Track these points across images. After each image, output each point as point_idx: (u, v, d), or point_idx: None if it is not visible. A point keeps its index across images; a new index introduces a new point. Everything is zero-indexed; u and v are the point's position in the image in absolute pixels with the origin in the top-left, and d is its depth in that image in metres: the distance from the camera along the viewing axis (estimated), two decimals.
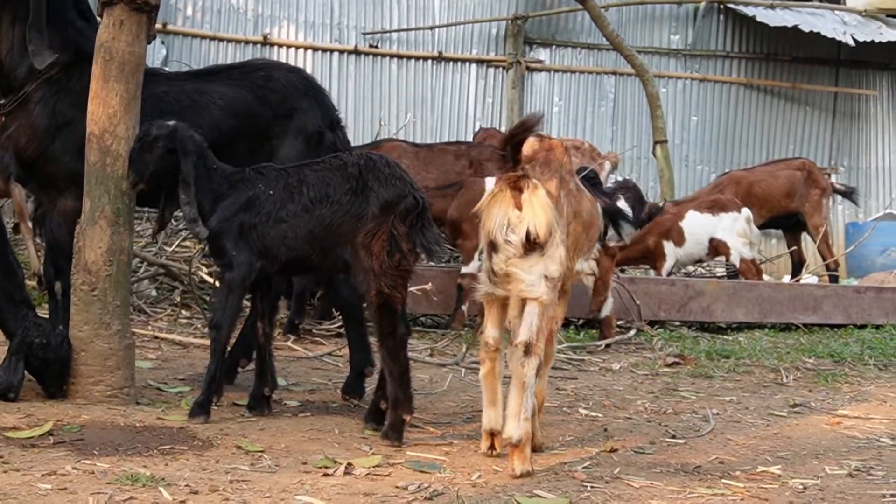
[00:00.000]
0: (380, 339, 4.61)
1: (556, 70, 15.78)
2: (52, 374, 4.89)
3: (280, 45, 14.68)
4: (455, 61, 15.40)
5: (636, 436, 4.95)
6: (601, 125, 15.91)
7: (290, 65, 6.53)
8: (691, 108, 16.30)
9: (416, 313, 8.49)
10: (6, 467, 3.75)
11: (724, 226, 10.36)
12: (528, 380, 4.10)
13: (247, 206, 4.79)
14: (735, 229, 10.33)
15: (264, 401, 5.02)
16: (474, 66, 15.47)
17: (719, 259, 11.09)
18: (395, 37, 15.22)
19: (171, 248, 8.64)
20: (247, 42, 14.46)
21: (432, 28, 15.20)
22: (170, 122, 4.88)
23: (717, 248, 10.41)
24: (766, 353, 7.94)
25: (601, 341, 8.08)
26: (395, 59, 15.20)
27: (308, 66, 13.93)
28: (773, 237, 15.22)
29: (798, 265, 12.27)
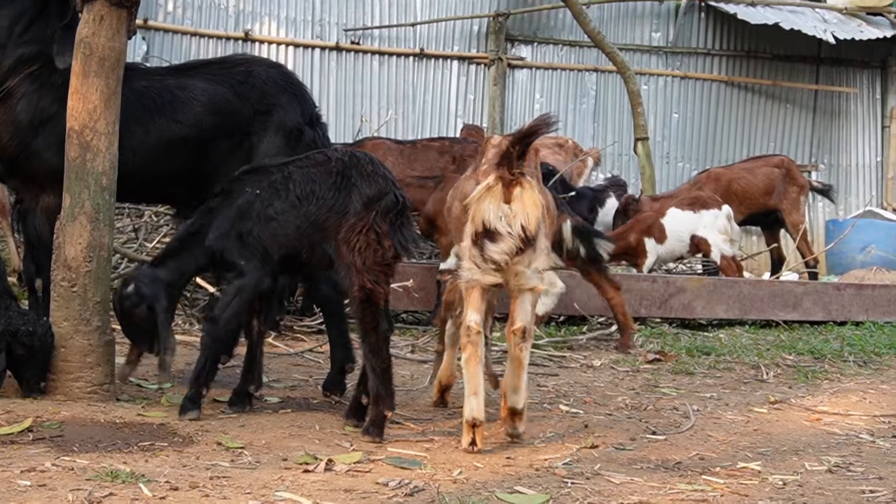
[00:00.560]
0: (362, 335, 4.61)
1: (537, 67, 15.80)
2: (36, 364, 4.84)
3: (261, 42, 14.66)
4: (437, 58, 15.41)
5: (617, 432, 4.95)
6: (583, 122, 15.94)
7: (271, 60, 6.51)
8: (672, 105, 16.34)
9: (398, 310, 8.49)
10: None
11: (705, 223, 10.38)
12: (524, 360, 4.58)
13: (240, 215, 4.81)
14: (716, 226, 10.36)
15: (246, 397, 5.02)
16: (456, 62, 15.48)
17: (699, 256, 11.11)
18: (376, 33, 15.21)
19: (152, 245, 8.61)
20: (228, 38, 14.44)
21: (414, 25, 15.20)
22: (128, 287, 4.85)
23: (698, 245, 10.43)
24: (746, 349, 7.96)
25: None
26: (376, 56, 15.20)
27: (289, 63, 13.93)
28: (754, 234, 15.27)
29: (778, 262, 12.30)
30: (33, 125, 5.29)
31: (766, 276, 12.62)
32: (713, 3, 16.12)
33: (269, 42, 14.71)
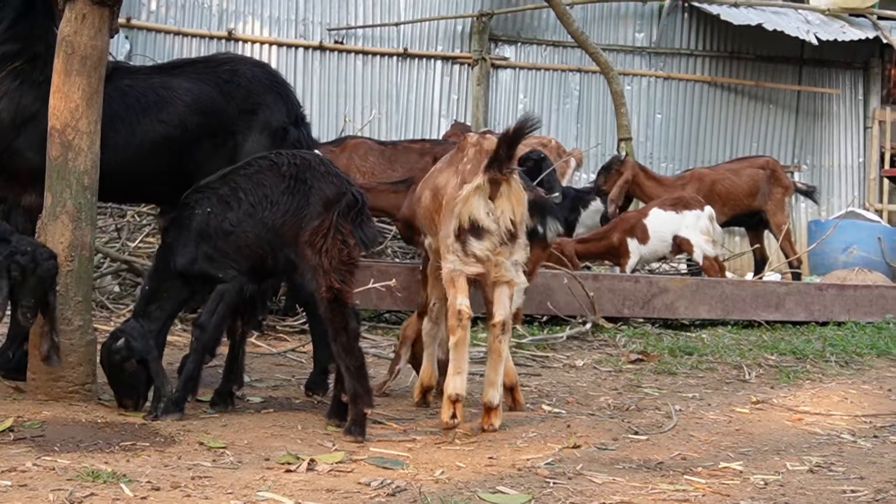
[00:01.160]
0: (333, 336, 4.63)
1: (521, 67, 15.82)
2: (29, 290, 4.59)
3: (245, 41, 14.65)
4: (420, 58, 15.42)
5: (599, 432, 4.95)
6: (566, 122, 15.96)
7: (256, 59, 6.49)
8: (656, 106, 16.38)
9: (381, 309, 8.48)
10: None
11: (687, 223, 10.39)
12: (503, 352, 4.82)
13: (200, 236, 4.84)
14: (698, 227, 10.37)
15: (228, 397, 5.02)
16: (440, 62, 15.49)
17: (681, 256, 11.14)
18: (360, 33, 15.21)
19: (134, 244, 8.58)
20: (211, 37, 14.43)
21: (398, 24, 15.21)
22: (118, 342, 4.82)
23: (680, 246, 10.44)
24: (728, 349, 7.97)
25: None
26: (360, 56, 15.20)
27: (273, 62, 13.88)
28: (737, 234, 15.30)
29: (761, 263, 12.33)
30: (15, 124, 5.26)
31: (750, 276, 12.65)
32: (696, 4, 16.16)
33: (253, 41, 14.69)
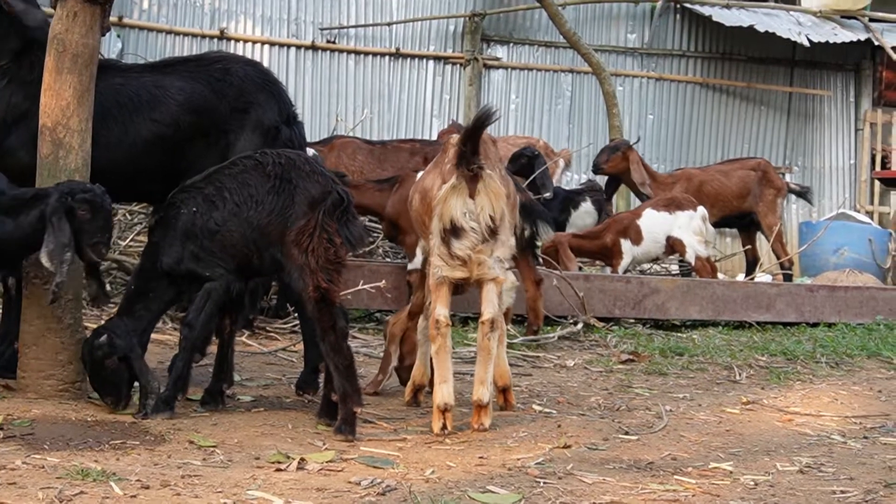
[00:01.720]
0: (321, 335, 4.63)
1: (513, 67, 15.81)
2: (94, 227, 4.67)
3: (237, 40, 14.61)
4: (412, 58, 15.40)
5: (589, 432, 4.96)
6: (558, 123, 15.96)
7: (248, 58, 6.48)
8: (647, 107, 16.38)
9: (372, 309, 8.48)
10: None
11: (680, 224, 10.38)
12: (492, 350, 4.82)
13: (186, 235, 4.83)
14: (691, 227, 10.36)
15: (218, 396, 5.01)
16: (432, 62, 15.47)
17: (673, 257, 11.14)
18: (352, 32, 15.19)
19: (125, 243, 8.57)
20: (203, 36, 14.39)
21: (390, 24, 15.18)
22: (100, 338, 4.80)
23: (673, 246, 10.44)
24: (719, 350, 7.98)
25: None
26: (352, 55, 15.17)
27: (265, 61, 13.85)
28: (729, 235, 15.31)
29: (752, 263, 12.34)
30: (6, 122, 5.25)
31: (741, 276, 12.65)
32: (688, 5, 16.17)
33: (245, 40, 14.66)
